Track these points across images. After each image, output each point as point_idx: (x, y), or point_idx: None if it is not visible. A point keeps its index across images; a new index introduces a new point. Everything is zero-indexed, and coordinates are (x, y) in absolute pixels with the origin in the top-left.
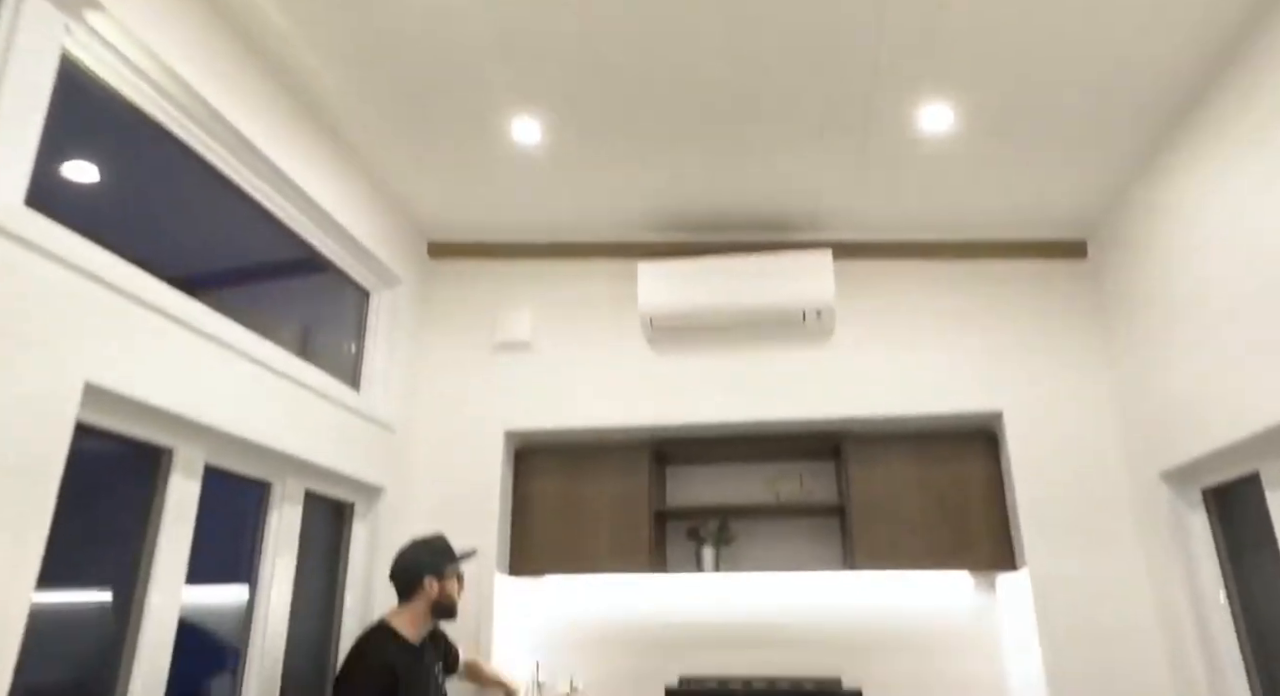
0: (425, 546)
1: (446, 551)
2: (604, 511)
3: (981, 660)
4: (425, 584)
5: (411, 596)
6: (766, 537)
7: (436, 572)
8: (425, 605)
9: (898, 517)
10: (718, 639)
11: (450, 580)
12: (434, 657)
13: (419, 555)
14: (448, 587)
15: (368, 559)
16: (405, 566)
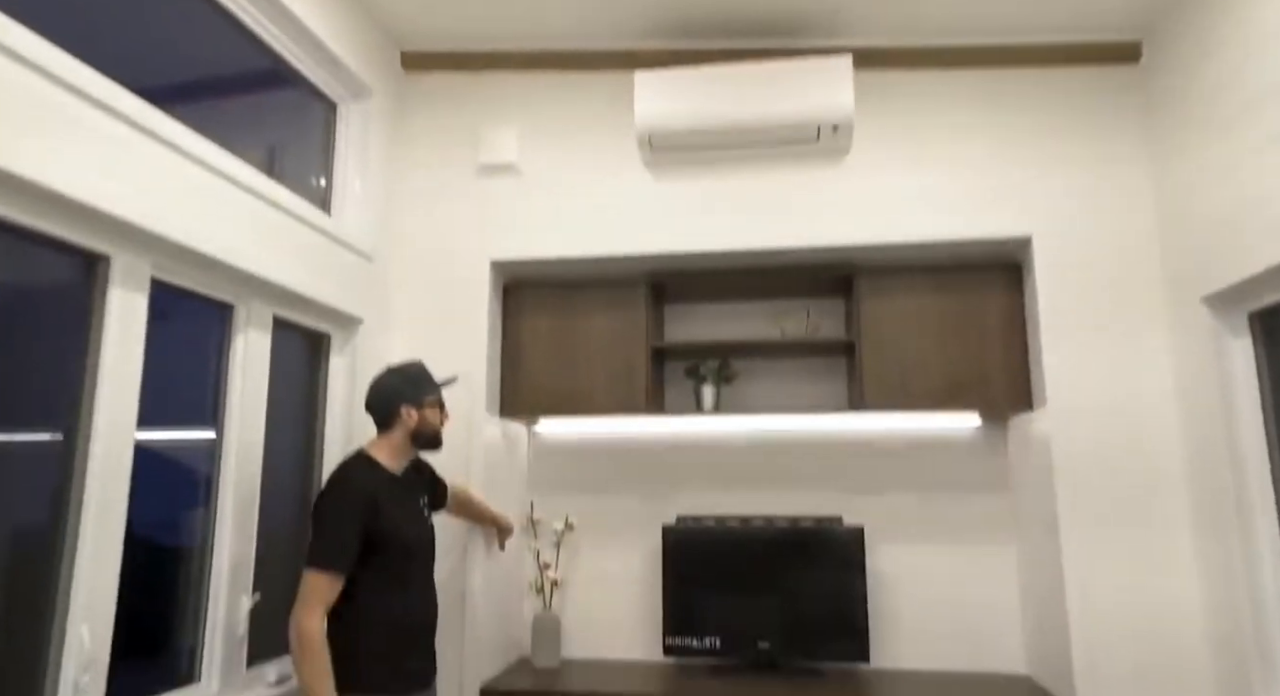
0: (400, 374)
1: (423, 378)
2: (599, 349)
3: (989, 501)
4: (402, 413)
5: (389, 426)
6: (769, 377)
7: (413, 401)
8: (404, 435)
9: (910, 355)
10: (716, 479)
11: (430, 409)
12: (419, 490)
13: (393, 383)
14: (427, 416)
15: (348, 393)
16: (379, 395)
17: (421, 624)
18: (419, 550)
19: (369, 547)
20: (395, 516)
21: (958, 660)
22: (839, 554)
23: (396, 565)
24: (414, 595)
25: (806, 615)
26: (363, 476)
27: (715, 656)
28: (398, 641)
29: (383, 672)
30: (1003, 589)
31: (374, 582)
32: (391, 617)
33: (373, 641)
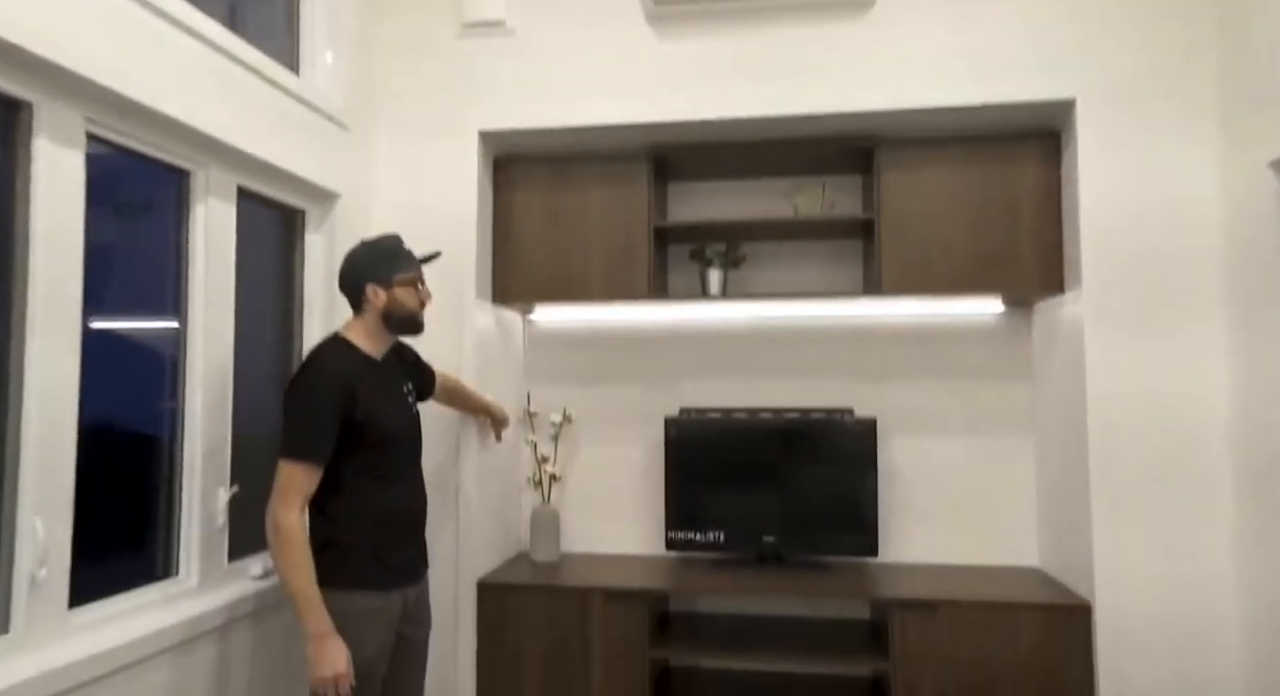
0: (369, 249)
1: (395, 254)
2: (597, 230)
3: (1008, 390)
4: (368, 292)
5: (360, 307)
6: (780, 260)
7: (381, 279)
8: (375, 317)
9: (933, 235)
10: (722, 369)
11: (402, 288)
12: (403, 376)
13: (361, 259)
14: (398, 296)
15: (326, 273)
16: (347, 273)
17: (408, 516)
18: (403, 439)
19: (348, 436)
20: (375, 403)
21: (968, 554)
22: (849, 446)
23: (379, 455)
24: (399, 487)
25: (814, 509)
26: (337, 360)
27: (719, 551)
28: (383, 535)
29: (367, 567)
30: (1018, 481)
31: (355, 474)
32: (375, 510)
33: (356, 535)
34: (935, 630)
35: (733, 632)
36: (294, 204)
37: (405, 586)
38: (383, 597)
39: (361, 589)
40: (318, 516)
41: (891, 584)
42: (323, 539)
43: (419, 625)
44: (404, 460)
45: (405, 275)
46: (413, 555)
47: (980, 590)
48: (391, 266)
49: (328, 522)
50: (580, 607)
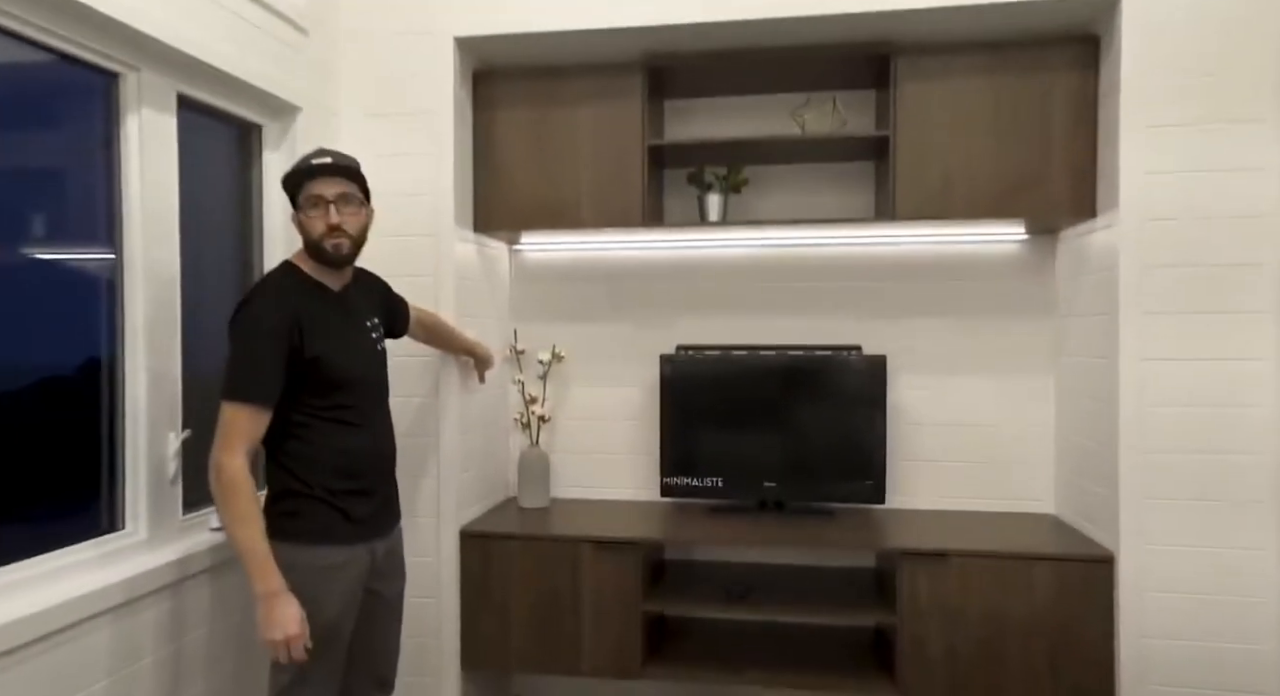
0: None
1: (295, 174)
2: (587, 150)
3: (1028, 326)
4: (293, 218)
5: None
6: (785, 184)
7: (294, 203)
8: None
9: (954, 154)
10: (721, 303)
11: (305, 213)
12: (366, 310)
13: (283, 183)
14: (303, 222)
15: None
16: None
17: (374, 463)
18: (364, 380)
19: (299, 376)
20: (330, 339)
21: (979, 500)
22: (856, 386)
23: (336, 397)
24: (363, 431)
25: (818, 453)
26: (283, 290)
27: (717, 497)
28: (346, 483)
29: (329, 518)
30: (1035, 424)
31: (312, 417)
32: (336, 456)
33: (316, 483)
34: (945, 582)
35: (730, 582)
36: (249, 118)
37: (372, 539)
38: (347, 551)
39: (323, 542)
40: (273, 464)
41: (899, 533)
42: (280, 487)
43: (390, 579)
44: (367, 403)
45: (305, 196)
46: (380, 505)
47: (994, 539)
48: (293, 187)
49: (284, 470)
50: (570, 558)
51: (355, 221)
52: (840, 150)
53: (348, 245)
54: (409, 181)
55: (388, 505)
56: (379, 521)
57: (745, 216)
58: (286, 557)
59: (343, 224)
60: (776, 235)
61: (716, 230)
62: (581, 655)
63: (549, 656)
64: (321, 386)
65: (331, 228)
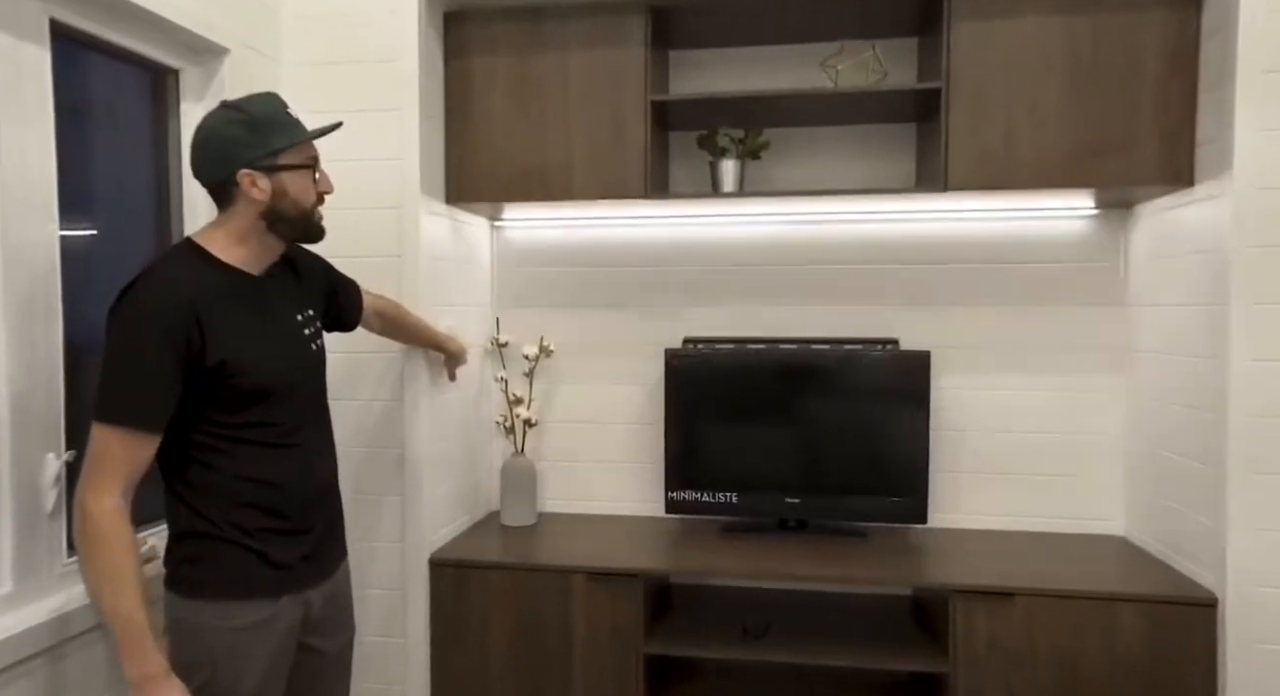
0: (239, 116)
1: (278, 121)
2: (580, 108)
3: (1095, 316)
4: (243, 180)
5: (227, 200)
6: (811, 150)
7: (259, 159)
8: (252, 216)
9: (1019, 109)
10: (736, 289)
11: (293, 173)
12: (296, 300)
13: (225, 129)
14: (288, 185)
15: None
16: (204, 149)
17: (301, 495)
18: (291, 389)
19: (202, 388)
20: (243, 339)
21: (1035, 518)
22: (893, 386)
23: (251, 413)
24: (287, 454)
25: (848, 464)
26: (180, 277)
27: (730, 514)
28: (262, 523)
29: (240, 569)
30: (1102, 430)
31: (217, 439)
32: (248, 489)
33: (221, 524)
34: (1008, 624)
35: (746, 615)
36: (161, 61)
37: (305, 587)
38: (269, 606)
39: (237, 597)
40: (172, 497)
41: (947, 561)
42: (179, 528)
43: (331, 633)
44: (296, 417)
45: (296, 152)
46: (316, 545)
47: (1065, 573)
48: (270, 137)
49: (184, 506)
50: (559, 591)
51: None
52: (878, 109)
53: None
54: (366, 144)
55: (327, 543)
56: (314, 565)
57: (765, 184)
58: (189, 618)
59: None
60: (801, 209)
61: (731, 203)
62: None
63: None
64: (231, 400)
65: (320, 197)
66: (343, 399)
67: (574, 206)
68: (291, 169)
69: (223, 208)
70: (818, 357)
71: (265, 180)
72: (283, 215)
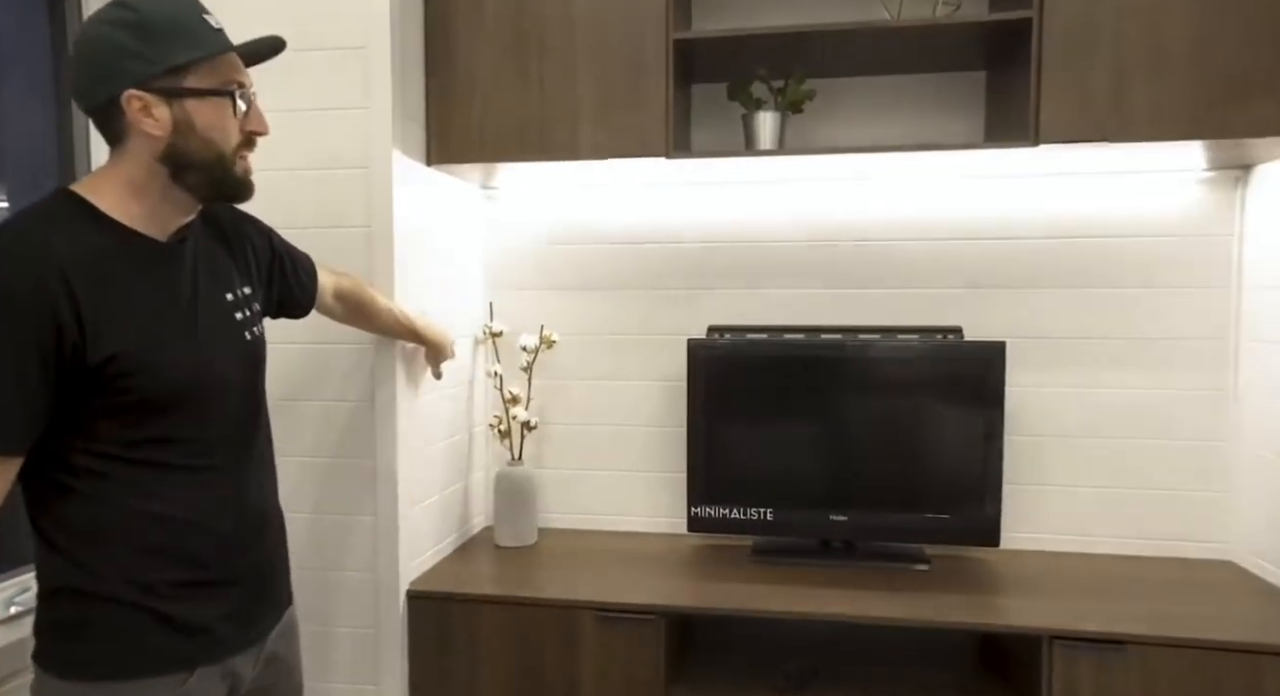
0: (126, 19)
1: (182, 28)
2: (587, 48)
3: (1198, 304)
4: (129, 105)
5: (117, 137)
6: (865, 97)
7: (156, 78)
8: (148, 156)
9: (1130, 42)
10: (770, 269)
11: (205, 100)
12: (226, 275)
13: (109, 37)
14: (194, 117)
15: None
16: (81, 63)
17: (224, 536)
18: (211, 393)
19: (84, 393)
20: (140, 326)
21: (1124, 540)
22: (958, 384)
23: (153, 426)
24: (206, 482)
25: (903, 475)
26: (45, 245)
27: (764, 533)
28: (167, 575)
29: (133, 638)
30: (1207, 435)
31: (105, 461)
32: (146, 529)
33: (108, 578)
34: (1121, 678)
35: (784, 656)
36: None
37: (230, 654)
38: (179, 684)
39: (128, 675)
40: (42, 542)
41: (1033, 595)
42: (52, 582)
43: (274, 690)
44: (215, 430)
45: (210, 72)
46: (245, 599)
47: (1186, 613)
48: (176, 50)
49: (56, 553)
50: (564, 630)
51: None
52: (942, 53)
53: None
54: (328, 91)
55: (262, 593)
56: (240, 624)
57: (808, 139)
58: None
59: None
60: (850, 172)
61: (769, 163)
62: None
63: None
64: (125, 409)
65: (250, 137)
66: (300, 400)
67: (580, 168)
68: (201, 95)
69: (113, 147)
70: (868, 350)
71: (163, 108)
72: (188, 158)
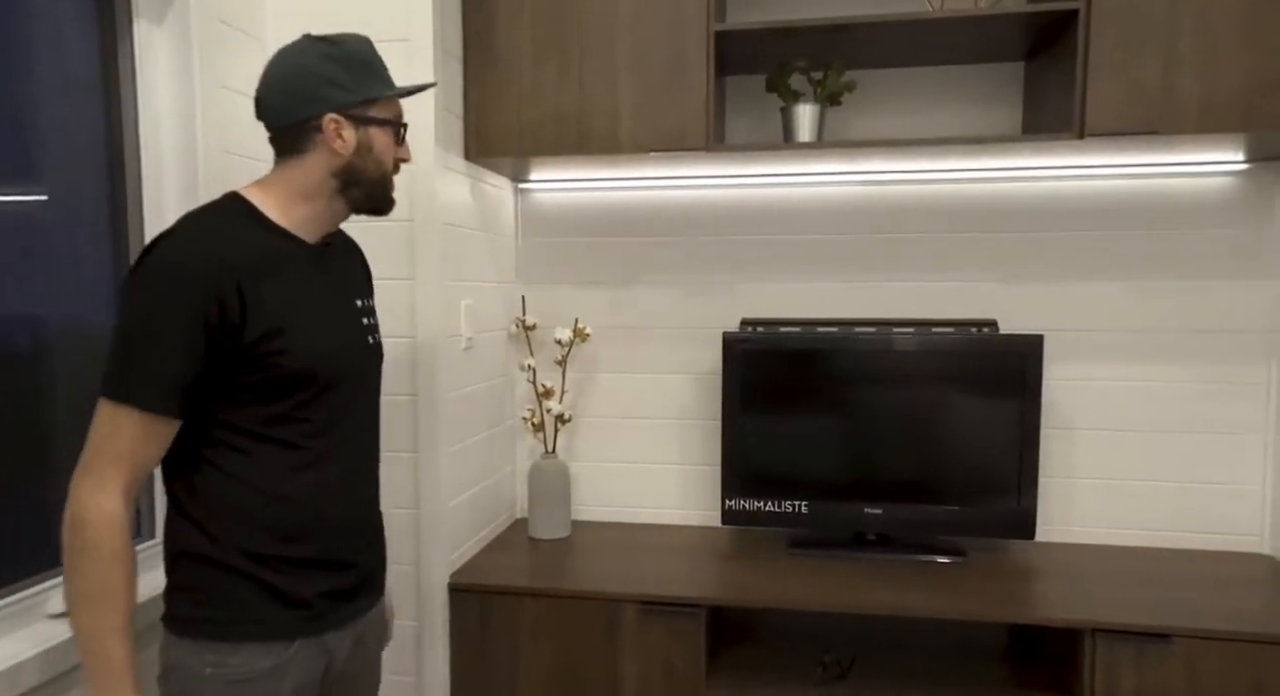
0: (332, 53)
1: (374, 69)
2: (625, 43)
3: (1237, 297)
4: (327, 126)
5: (298, 148)
6: (899, 94)
7: (352, 107)
8: (326, 170)
9: (1182, 32)
10: (805, 261)
11: (382, 129)
12: (354, 286)
13: (317, 68)
14: (374, 141)
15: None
16: (287, 86)
17: (337, 517)
18: (344, 381)
19: (234, 370)
20: (294, 309)
21: (1159, 533)
22: (994, 377)
23: (297, 403)
24: (325, 465)
25: (938, 469)
26: (218, 232)
27: (799, 526)
28: (280, 550)
29: (245, 605)
30: (1244, 426)
31: (242, 437)
32: (267, 505)
33: (227, 547)
34: (1164, 673)
35: (821, 647)
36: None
37: (329, 630)
38: (281, 652)
39: (241, 638)
40: (174, 508)
41: (1071, 587)
42: (179, 546)
43: (355, 685)
44: (339, 415)
45: (388, 106)
46: (355, 580)
47: (1230, 607)
48: (371, 85)
49: (185, 520)
50: (604, 622)
51: None
52: (983, 43)
53: None
54: None
55: (365, 579)
56: (347, 603)
57: (846, 132)
58: (182, 661)
59: None
60: (890, 166)
61: (809, 155)
62: None
63: None
64: (275, 385)
65: (398, 164)
66: None
67: (616, 164)
68: (380, 124)
69: (287, 158)
70: (903, 343)
71: (351, 131)
72: (361, 176)
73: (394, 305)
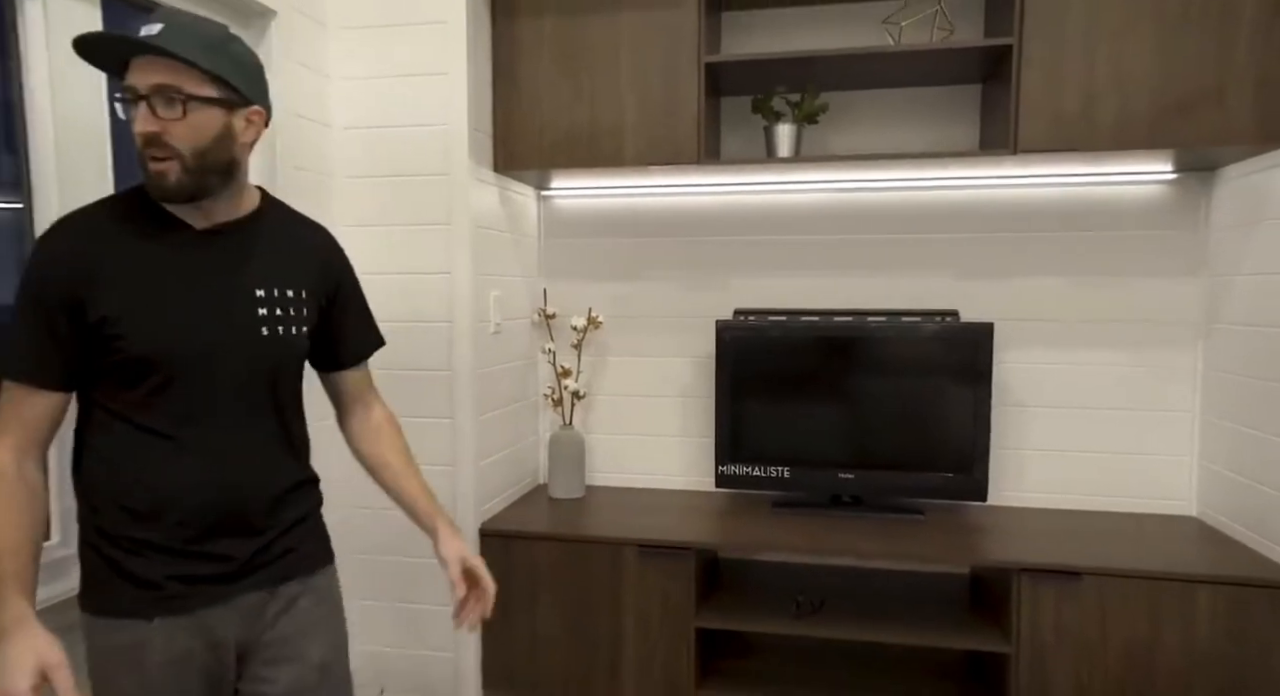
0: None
1: (99, 44)
2: (630, 71)
3: (1168, 290)
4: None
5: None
6: (871, 113)
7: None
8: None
9: (1101, 63)
10: (789, 259)
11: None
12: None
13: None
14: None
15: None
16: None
17: (190, 506)
18: (200, 370)
19: (94, 358)
20: (139, 295)
21: (1099, 498)
22: (953, 360)
23: (146, 391)
24: (180, 453)
25: (904, 440)
26: (84, 221)
27: (782, 489)
28: (131, 531)
29: (99, 579)
30: (1173, 405)
31: (114, 419)
32: (127, 487)
33: (99, 519)
34: (1077, 607)
35: (799, 591)
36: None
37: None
38: (139, 628)
39: (100, 613)
40: (75, 476)
41: (1009, 540)
42: (79, 526)
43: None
44: (203, 407)
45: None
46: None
47: (1136, 552)
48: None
49: (78, 497)
50: (610, 563)
51: (184, 131)
52: (941, 70)
53: (173, 171)
54: (414, 110)
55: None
56: (224, 584)
57: (822, 148)
58: (83, 626)
59: (163, 134)
60: (859, 176)
61: (788, 168)
62: (623, 677)
63: (585, 678)
64: (122, 370)
65: (144, 139)
66: (392, 369)
67: (622, 174)
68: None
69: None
70: (874, 330)
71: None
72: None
73: (432, 295)
